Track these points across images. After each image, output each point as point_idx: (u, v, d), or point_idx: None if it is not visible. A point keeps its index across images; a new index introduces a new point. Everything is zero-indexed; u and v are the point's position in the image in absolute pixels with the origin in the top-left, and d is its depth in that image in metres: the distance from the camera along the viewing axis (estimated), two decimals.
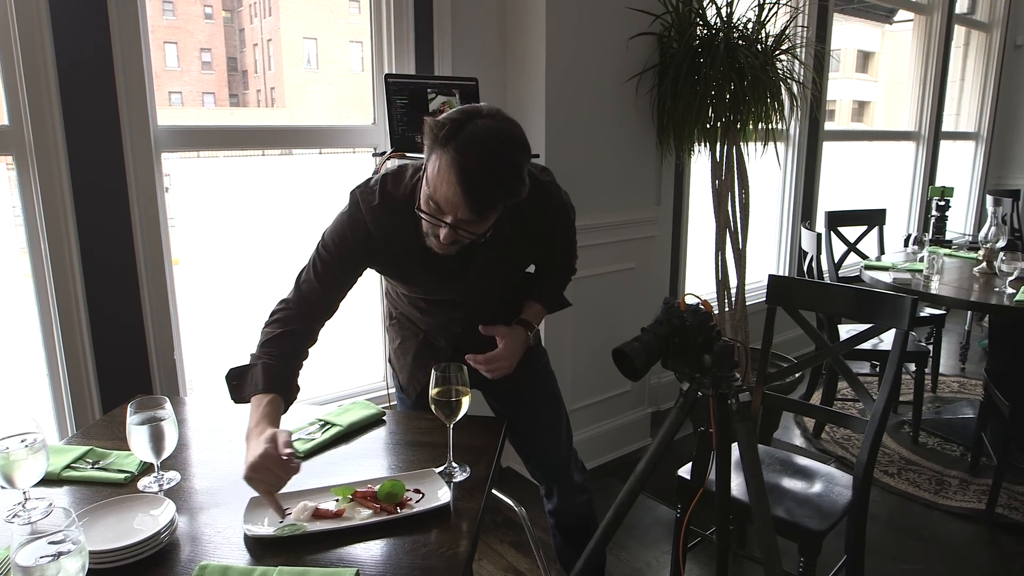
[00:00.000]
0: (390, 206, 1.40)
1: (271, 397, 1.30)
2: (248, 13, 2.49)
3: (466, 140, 1.20)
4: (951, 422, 3.37)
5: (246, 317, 2.43)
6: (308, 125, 2.39)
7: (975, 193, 5.91)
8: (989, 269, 2.97)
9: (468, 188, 1.20)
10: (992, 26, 5.66)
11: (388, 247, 1.42)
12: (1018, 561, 2.35)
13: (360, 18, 2.52)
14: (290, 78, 2.52)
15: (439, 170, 1.22)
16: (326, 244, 1.45)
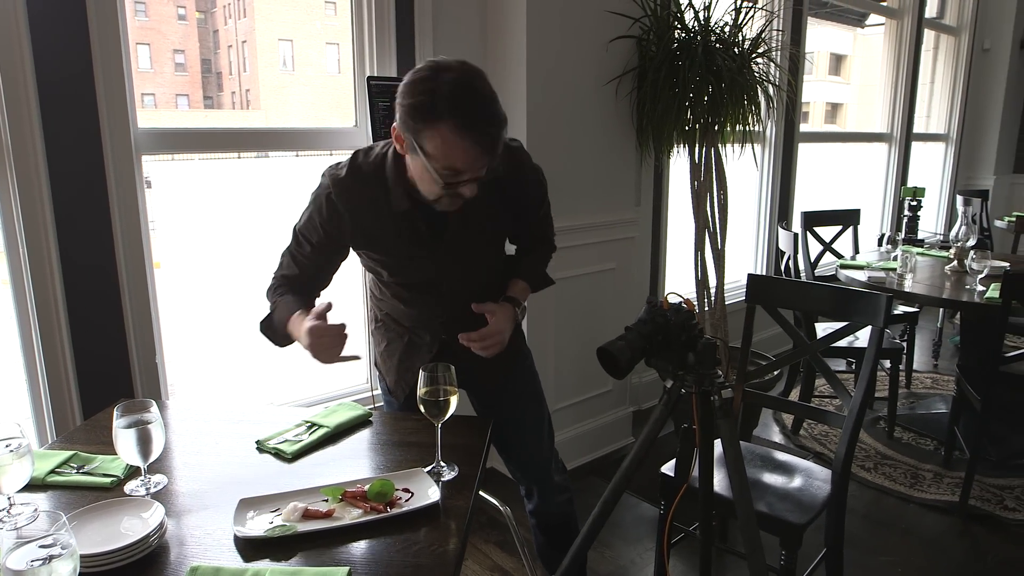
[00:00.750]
0: (358, 176, 1.46)
1: (300, 312, 1.46)
2: (222, 14, 2.47)
3: (453, 103, 1.24)
4: (925, 417, 3.44)
5: (227, 319, 2.43)
6: (291, 127, 2.39)
7: (945, 193, 6.04)
8: (960, 267, 3.04)
9: (481, 141, 1.27)
10: (960, 30, 5.79)
11: (356, 218, 1.47)
12: (991, 551, 2.42)
13: (337, 20, 2.51)
14: (265, 80, 2.51)
15: (445, 142, 1.26)
16: (300, 228, 1.54)
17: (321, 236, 1.50)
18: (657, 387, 3.62)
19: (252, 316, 1.57)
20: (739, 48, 2.91)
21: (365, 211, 1.46)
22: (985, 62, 6.04)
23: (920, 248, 3.57)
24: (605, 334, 3.04)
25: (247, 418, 1.60)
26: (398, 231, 1.47)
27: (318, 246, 1.52)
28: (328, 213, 1.47)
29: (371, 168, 1.45)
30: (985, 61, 6.03)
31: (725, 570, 2.32)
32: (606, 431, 3.10)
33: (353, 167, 1.47)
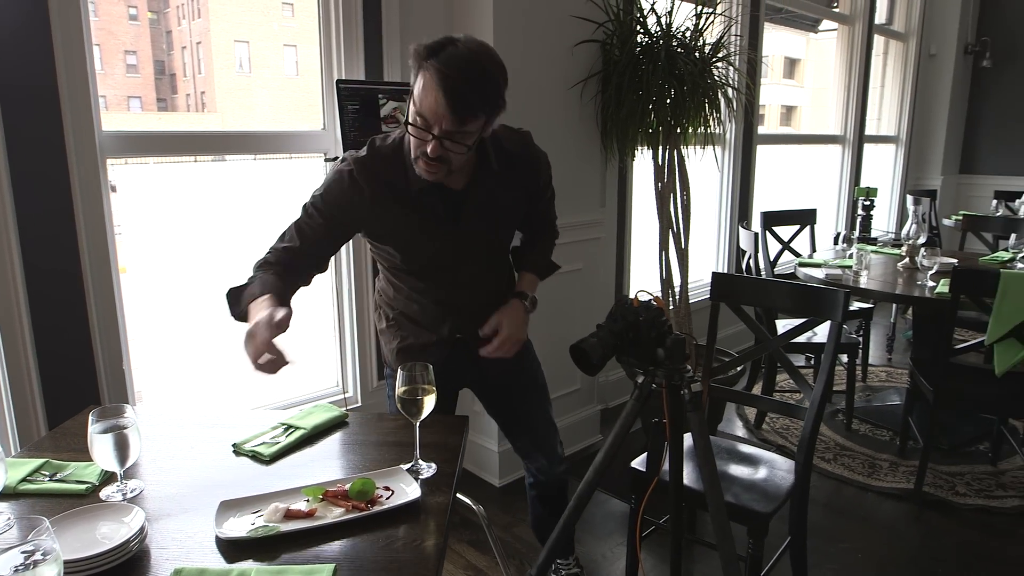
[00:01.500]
0: (378, 157, 1.52)
1: (269, 296, 1.40)
2: (175, 15, 2.44)
3: (447, 55, 1.34)
4: (880, 409, 3.56)
5: (195, 323, 2.40)
6: (260, 130, 2.38)
7: (896, 193, 6.25)
8: (912, 264, 3.16)
9: (449, 93, 1.32)
10: (908, 36, 6.00)
11: (377, 196, 1.51)
12: (945, 535, 2.52)
13: (295, 21, 2.50)
14: (221, 82, 2.48)
15: (424, 84, 1.34)
16: (315, 201, 1.54)
17: (336, 210, 1.53)
18: (624, 385, 3.68)
19: (220, 321, 1.56)
20: (700, 53, 2.98)
21: (386, 189, 1.51)
22: (931, 67, 6.27)
23: (874, 246, 3.70)
24: (574, 333, 3.08)
25: (221, 422, 1.59)
26: (416, 209, 1.53)
27: (331, 219, 1.54)
28: (350, 187, 1.51)
29: (389, 150, 1.52)
30: (931, 66, 6.27)
31: (694, 560, 2.38)
32: (575, 429, 3.15)
33: (372, 149, 1.53)
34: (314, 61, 2.54)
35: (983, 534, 2.53)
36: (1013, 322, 2.41)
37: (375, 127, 2.24)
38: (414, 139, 1.41)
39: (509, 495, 2.79)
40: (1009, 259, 3.35)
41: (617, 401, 3.66)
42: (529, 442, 1.97)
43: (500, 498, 2.77)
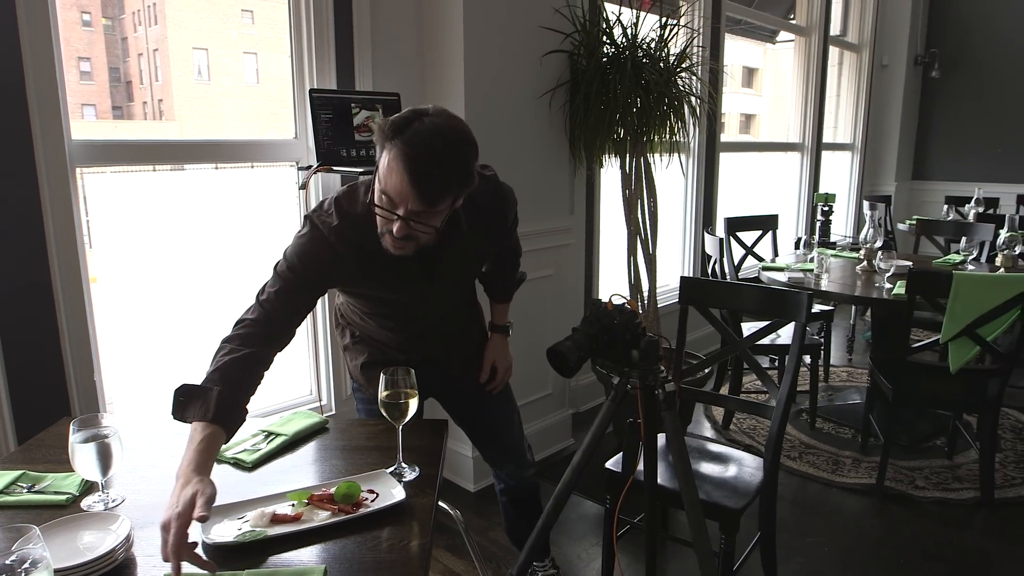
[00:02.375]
0: (350, 223, 1.44)
1: (213, 430, 1.24)
2: (131, 21, 2.40)
3: (413, 133, 1.27)
4: (842, 408, 3.67)
5: (168, 333, 2.38)
6: (229, 139, 2.37)
7: (853, 199, 6.45)
8: (869, 267, 3.28)
9: (416, 177, 1.26)
10: (861, 47, 6.21)
11: (356, 261, 1.46)
12: (905, 526, 2.62)
13: (254, 29, 2.50)
14: (179, 90, 2.46)
15: (388, 163, 1.28)
16: (292, 265, 1.45)
17: (315, 273, 1.46)
18: (595, 389, 3.73)
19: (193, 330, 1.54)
20: (665, 63, 3.06)
21: (364, 255, 1.46)
22: (884, 77, 6.49)
23: (833, 250, 3.82)
24: (545, 338, 3.13)
25: None
26: (392, 270, 1.49)
27: (309, 281, 1.46)
28: (328, 252, 1.44)
29: (361, 216, 1.44)
30: (884, 76, 6.49)
31: (668, 559, 2.43)
32: (548, 433, 3.18)
33: (343, 214, 1.45)
34: (276, 69, 2.54)
35: (941, 524, 2.63)
36: (965, 321, 2.52)
37: (348, 136, 2.25)
38: (379, 217, 1.36)
39: (484, 500, 2.81)
40: (960, 261, 3.50)
41: (588, 405, 3.71)
42: (498, 449, 2.00)
43: (475, 503, 2.79)
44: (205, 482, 1.13)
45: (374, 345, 1.76)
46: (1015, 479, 2.93)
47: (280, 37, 2.52)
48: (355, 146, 2.27)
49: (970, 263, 3.49)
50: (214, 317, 2.46)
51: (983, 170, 6.46)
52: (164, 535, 1.05)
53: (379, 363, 1.70)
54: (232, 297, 2.47)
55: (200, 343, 2.44)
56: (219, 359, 1.34)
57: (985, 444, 2.72)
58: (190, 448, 1.21)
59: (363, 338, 1.78)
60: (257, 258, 2.53)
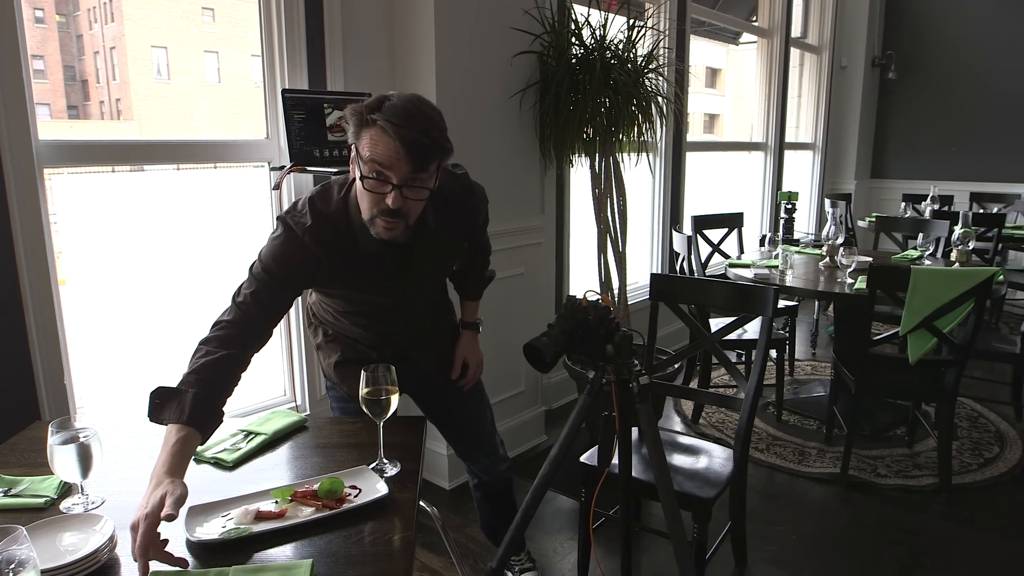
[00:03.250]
0: (324, 223, 1.47)
1: (187, 432, 1.25)
2: (87, 18, 2.36)
3: (390, 107, 1.35)
4: (807, 401, 3.77)
5: (136, 336, 2.35)
6: (201, 139, 2.36)
7: (815, 197, 6.60)
8: (832, 263, 3.38)
9: (405, 141, 1.32)
10: (822, 49, 6.37)
11: (330, 260, 1.48)
12: (868, 513, 2.71)
13: (215, 27, 2.48)
14: (138, 89, 2.42)
15: (372, 137, 1.35)
16: (267, 267, 1.46)
17: (292, 272, 1.48)
18: (567, 386, 3.77)
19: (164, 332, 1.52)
20: (633, 64, 3.11)
21: (339, 254, 1.49)
22: (843, 78, 6.66)
23: (796, 247, 3.91)
24: (517, 335, 3.16)
25: None
26: (368, 268, 1.53)
27: (286, 281, 1.48)
28: (303, 253, 1.46)
29: (335, 215, 1.48)
30: (843, 77, 6.66)
31: (642, 550, 2.48)
32: (521, 430, 3.22)
33: (316, 214, 1.47)
34: (239, 68, 2.53)
35: (902, 510, 2.73)
36: (923, 313, 2.62)
37: (321, 136, 2.26)
38: (371, 195, 1.38)
39: (459, 497, 2.83)
40: (918, 256, 3.62)
41: (561, 402, 3.75)
42: (471, 444, 2.03)
43: (450, 500, 2.81)
44: (176, 483, 1.15)
45: (347, 343, 1.78)
46: (971, 465, 3.05)
47: (242, 36, 2.50)
48: (328, 146, 2.27)
49: (927, 258, 3.61)
50: (185, 319, 2.45)
51: (937, 169, 6.67)
52: (133, 535, 1.07)
53: (352, 361, 1.74)
54: (203, 298, 2.46)
55: (170, 345, 2.43)
56: (195, 361, 1.35)
57: (942, 432, 2.83)
58: (164, 450, 1.23)
59: (336, 336, 1.79)
60: (227, 259, 2.52)
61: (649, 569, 2.39)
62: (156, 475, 1.18)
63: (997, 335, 3.62)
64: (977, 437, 3.34)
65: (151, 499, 1.11)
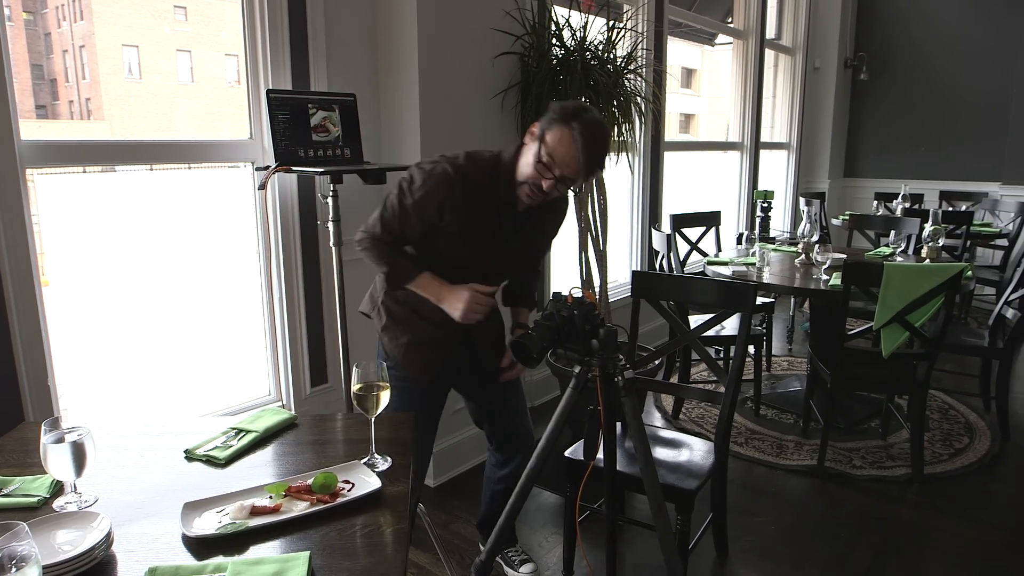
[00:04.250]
0: (476, 164, 1.75)
1: (425, 274, 1.78)
2: (55, 16, 2.33)
3: (589, 120, 1.65)
4: (784, 395, 3.85)
5: (119, 336, 2.35)
6: (181, 140, 2.36)
7: (790, 195, 6.72)
8: (807, 260, 3.45)
9: (587, 155, 1.64)
10: (795, 50, 6.48)
11: (465, 200, 1.73)
12: (844, 503, 2.78)
13: (188, 26, 2.47)
14: (109, 88, 2.40)
15: (562, 137, 1.64)
16: (411, 202, 1.72)
17: (429, 209, 1.73)
18: (548, 384, 3.81)
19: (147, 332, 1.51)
20: (612, 65, 3.16)
21: (475, 195, 1.74)
22: (816, 79, 6.78)
23: (773, 245, 3.98)
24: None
25: (168, 430, 1.59)
26: (490, 220, 1.79)
27: (421, 218, 1.75)
28: (444, 189, 1.71)
29: (485, 163, 1.76)
30: (816, 78, 6.78)
31: (627, 542, 2.53)
32: None
33: (470, 157, 1.75)
34: (213, 67, 2.52)
35: (877, 500, 2.80)
36: (896, 308, 2.69)
37: (306, 136, 2.27)
38: (535, 173, 1.67)
39: (444, 494, 2.86)
40: (890, 253, 3.71)
41: (543, 399, 3.79)
42: (514, 431, 2.14)
43: (436, 497, 2.83)
44: None
45: (415, 323, 1.91)
46: (942, 455, 3.14)
47: (215, 35, 2.50)
48: (313, 146, 2.28)
49: (899, 255, 3.71)
50: (169, 319, 2.44)
51: (908, 168, 6.82)
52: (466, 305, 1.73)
53: (423, 344, 1.93)
54: (186, 298, 2.46)
55: (155, 346, 2.42)
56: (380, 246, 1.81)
57: (915, 424, 2.91)
58: (433, 282, 1.79)
59: (403, 317, 1.93)
60: (210, 259, 2.52)
61: (633, 561, 2.43)
62: (445, 290, 1.77)
63: (966, 329, 3.72)
64: (948, 428, 3.43)
65: (464, 288, 1.75)
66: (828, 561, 2.42)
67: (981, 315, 5.46)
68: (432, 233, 1.79)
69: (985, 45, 6.33)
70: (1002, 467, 3.08)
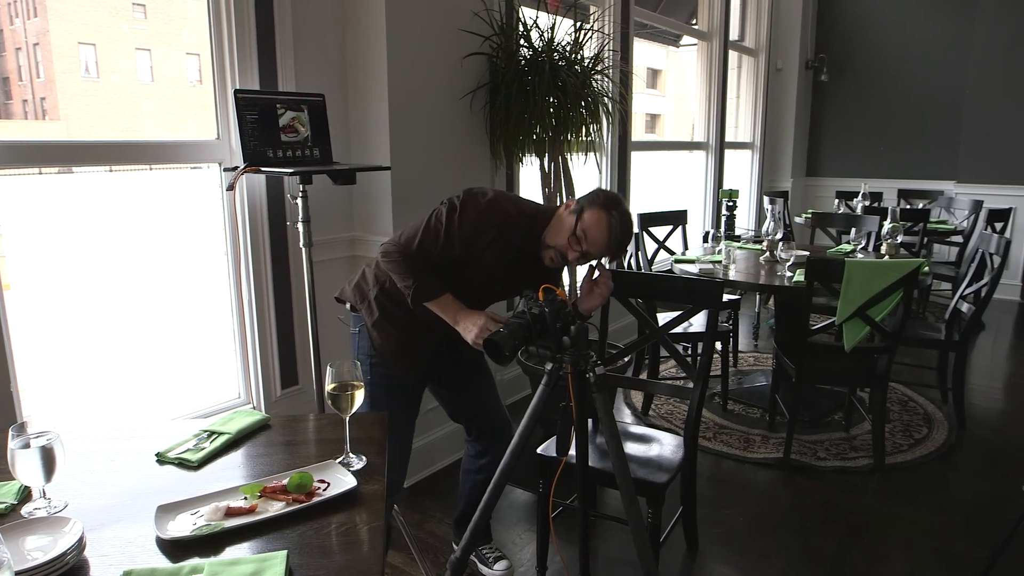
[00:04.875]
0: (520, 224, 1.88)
1: (448, 295, 1.87)
2: (7, 13, 2.28)
3: (622, 212, 1.85)
4: (751, 390, 3.92)
5: (83, 343, 2.30)
6: (147, 140, 2.32)
7: (754, 194, 6.84)
8: (772, 257, 3.53)
9: (616, 244, 1.85)
10: (758, 52, 6.60)
11: (508, 244, 1.86)
12: (809, 494, 2.85)
13: (147, 24, 2.43)
14: (64, 87, 2.35)
15: (598, 221, 1.82)
16: (455, 234, 1.82)
17: (469, 241, 1.83)
18: (519, 382, 3.83)
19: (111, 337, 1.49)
20: (580, 66, 3.19)
21: (513, 242, 1.87)
22: (779, 80, 6.92)
23: (738, 243, 4.07)
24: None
25: (138, 434, 1.58)
26: (503, 257, 1.89)
27: (461, 248, 1.84)
28: (484, 226, 1.82)
29: (527, 217, 1.89)
30: (779, 79, 6.92)
31: (599, 538, 2.56)
32: None
33: (520, 209, 1.90)
34: (173, 67, 2.49)
35: (841, 490, 2.88)
36: (857, 303, 2.77)
37: (275, 137, 2.25)
38: (566, 243, 1.83)
39: (417, 494, 2.86)
40: (851, 250, 3.81)
41: (515, 397, 3.80)
42: (494, 420, 2.22)
43: (408, 498, 2.83)
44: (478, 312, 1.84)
45: (406, 322, 1.98)
46: (902, 445, 3.23)
47: (176, 33, 2.47)
48: (282, 147, 2.27)
49: (859, 252, 3.81)
50: (134, 322, 2.41)
51: (868, 167, 6.99)
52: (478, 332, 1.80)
53: (413, 342, 2.01)
54: (151, 302, 2.43)
55: (120, 351, 2.39)
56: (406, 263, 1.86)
57: (876, 416, 2.99)
58: (451, 305, 1.88)
59: (396, 317, 1.98)
60: (175, 262, 2.49)
61: (606, 555, 2.47)
62: (462, 313, 1.86)
63: (924, 323, 3.84)
64: (907, 419, 3.54)
65: (477, 315, 1.84)
66: (794, 550, 2.48)
67: (938, 309, 5.63)
68: (459, 260, 1.88)
69: (938, 48, 6.52)
70: (958, 455, 3.18)
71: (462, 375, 2.17)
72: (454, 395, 2.21)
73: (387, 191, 2.68)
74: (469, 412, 2.24)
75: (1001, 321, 5.55)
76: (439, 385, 2.20)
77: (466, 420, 2.25)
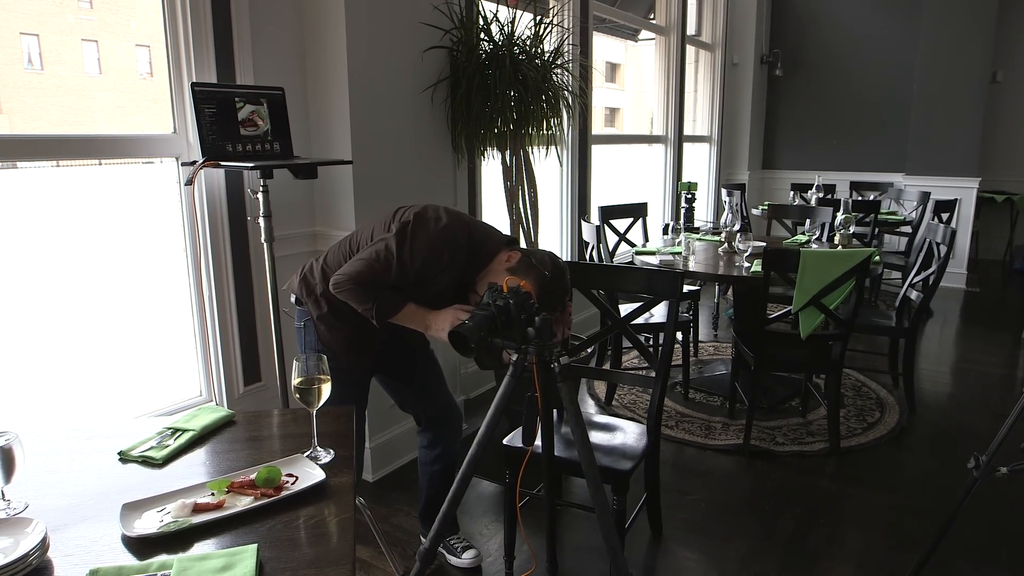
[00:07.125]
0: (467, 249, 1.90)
1: (412, 305, 1.88)
2: None
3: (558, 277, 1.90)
4: (711, 379, 4.01)
5: (38, 340, 2.25)
6: (97, 134, 2.27)
7: (712, 187, 6.96)
8: (730, 249, 3.60)
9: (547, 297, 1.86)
10: (715, 47, 6.70)
11: (451, 264, 1.87)
12: (769, 479, 2.93)
13: (93, 14, 2.38)
14: (6, 80, 2.29)
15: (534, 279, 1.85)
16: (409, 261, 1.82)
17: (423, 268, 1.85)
18: (483, 376, 3.85)
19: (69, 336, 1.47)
20: (540, 60, 3.21)
21: (459, 266, 1.90)
22: (735, 75, 7.04)
23: (697, 234, 4.14)
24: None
25: (99, 433, 1.55)
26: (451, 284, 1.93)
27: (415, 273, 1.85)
28: (449, 259, 1.86)
29: (473, 245, 1.91)
30: (735, 74, 7.04)
31: (565, 526, 2.59)
32: None
33: (471, 237, 1.90)
34: (122, 59, 2.44)
35: (798, 474, 2.96)
36: (812, 292, 2.85)
37: (233, 131, 2.22)
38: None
39: (383, 488, 2.86)
40: (806, 241, 3.91)
41: (479, 391, 3.82)
42: (445, 404, 2.25)
43: (375, 492, 2.84)
44: None
45: (354, 318, 1.94)
46: (856, 430, 3.34)
47: (124, 24, 2.41)
48: (241, 141, 2.24)
49: (814, 242, 3.91)
50: (89, 321, 2.36)
51: (821, 160, 7.18)
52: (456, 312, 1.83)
53: (362, 336, 2.00)
54: (106, 299, 2.38)
55: (77, 349, 2.33)
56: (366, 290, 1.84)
57: (831, 401, 3.09)
58: (417, 313, 1.88)
59: (344, 313, 1.96)
60: (132, 258, 2.44)
61: (572, 542, 2.50)
62: (432, 315, 1.87)
63: (876, 311, 3.96)
64: (861, 404, 3.65)
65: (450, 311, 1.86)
66: (755, 533, 2.55)
67: (889, 297, 5.81)
68: (414, 283, 1.89)
69: (887, 45, 6.72)
70: (909, 438, 3.30)
71: (409, 364, 2.19)
72: (402, 383, 2.23)
73: (349, 185, 2.67)
74: (417, 401, 2.26)
75: (948, 308, 5.76)
76: (386, 375, 2.22)
77: (414, 410, 2.28)
